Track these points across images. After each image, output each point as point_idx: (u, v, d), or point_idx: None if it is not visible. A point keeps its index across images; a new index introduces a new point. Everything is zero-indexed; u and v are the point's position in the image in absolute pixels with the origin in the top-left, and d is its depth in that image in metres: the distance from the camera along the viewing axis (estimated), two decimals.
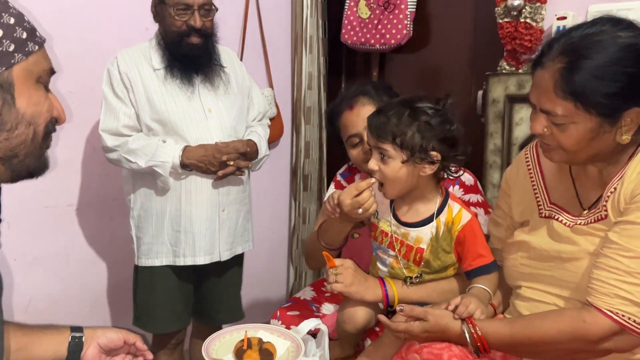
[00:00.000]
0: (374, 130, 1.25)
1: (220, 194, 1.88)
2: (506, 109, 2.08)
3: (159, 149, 1.77)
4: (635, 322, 0.99)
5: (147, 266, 1.88)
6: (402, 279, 1.33)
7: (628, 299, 0.99)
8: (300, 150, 2.82)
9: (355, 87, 1.50)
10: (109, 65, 1.83)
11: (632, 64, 1.00)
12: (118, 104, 1.79)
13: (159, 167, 1.77)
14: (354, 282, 1.30)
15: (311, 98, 2.79)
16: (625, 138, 1.04)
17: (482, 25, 2.34)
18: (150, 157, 1.76)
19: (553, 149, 1.11)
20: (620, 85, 1.00)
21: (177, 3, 1.75)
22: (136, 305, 1.95)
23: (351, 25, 2.60)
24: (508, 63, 2.13)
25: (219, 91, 1.89)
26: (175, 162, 1.77)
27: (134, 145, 1.78)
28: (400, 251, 1.31)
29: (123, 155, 1.78)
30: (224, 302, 2.04)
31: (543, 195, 1.23)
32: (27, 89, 0.84)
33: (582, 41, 1.03)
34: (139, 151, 1.77)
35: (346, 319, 1.35)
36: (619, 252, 1.02)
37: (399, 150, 1.22)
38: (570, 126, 1.05)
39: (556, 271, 1.14)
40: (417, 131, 1.21)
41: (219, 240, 1.90)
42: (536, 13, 2.02)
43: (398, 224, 1.32)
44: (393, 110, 1.24)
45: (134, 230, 1.92)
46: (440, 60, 2.50)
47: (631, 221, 1.02)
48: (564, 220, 1.16)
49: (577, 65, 1.02)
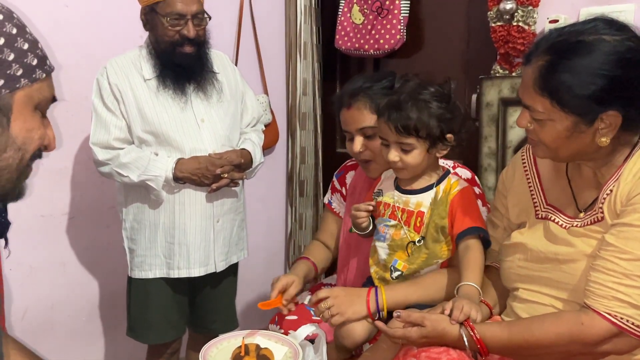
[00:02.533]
0: (395, 127, 1.29)
1: (215, 205, 1.86)
2: (500, 112, 2.09)
3: (151, 163, 1.74)
4: (633, 324, 0.99)
5: (140, 278, 1.86)
6: (403, 248, 1.35)
7: (626, 302, 1.00)
8: (295, 155, 2.82)
9: (360, 84, 1.49)
10: (99, 76, 1.79)
11: (611, 68, 1.00)
12: (109, 116, 1.75)
13: (152, 181, 1.74)
14: (348, 306, 1.31)
15: (306, 104, 2.80)
16: (603, 140, 1.05)
17: (475, 29, 2.36)
18: (142, 171, 1.73)
19: (536, 144, 1.14)
20: (596, 88, 1.01)
21: (170, 13, 1.71)
22: (130, 317, 1.93)
23: (345, 31, 2.62)
24: (501, 66, 2.14)
25: (212, 100, 1.86)
26: (168, 176, 1.74)
27: (126, 158, 1.74)
28: (402, 218, 1.35)
29: (115, 169, 1.75)
30: (219, 311, 2.03)
31: (539, 196, 1.24)
32: (24, 114, 0.84)
33: (566, 42, 1.05)
34: (131, 165, 1.74)
35: (345, 335, 1.34)
36: (616, 255, 1.02)
37: (422, 142, 1.29)
38: (548, 123, 1.07)
39: (553, 273, 1.14)
40: (437, 121, 1.28)
41: (214, 251, 1.88)
42: (528, 16, 2.04)
43: (400, 194, 1.38)
44: (409, 104, 1.28)
45: (127, 242, 1.90)
46: (434, 64, 2.51)
47: (628, 223, 1.03)
48: (560, 221, 1.16)
49: (556, 64, 1.03)
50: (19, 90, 0.83)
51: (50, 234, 2.11)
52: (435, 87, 1.32)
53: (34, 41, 0.86)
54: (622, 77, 1.01)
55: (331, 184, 1.75)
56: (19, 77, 0.82)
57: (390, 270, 1.35)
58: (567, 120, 1.05)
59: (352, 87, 1.49)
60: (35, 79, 0.84)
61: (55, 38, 2.01)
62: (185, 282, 1.92)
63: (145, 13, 1.79)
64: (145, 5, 1.77)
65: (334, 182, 1.74)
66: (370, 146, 1.46)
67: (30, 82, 0.83)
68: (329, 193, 1.75)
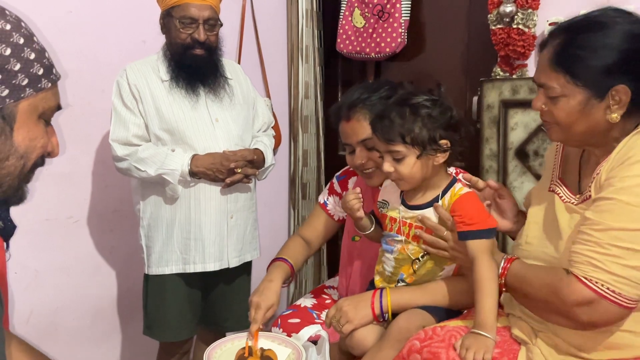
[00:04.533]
0: (382, 136, 1.29)
1: (229, 201, 1.91)
2: (501, 114, 2.10)
3: (168, 158, 1.80)
4: (608, 289, 1.03)
5: (157, 274, 1.90)
6: (409, 263, 1.35)
7: (599, 267, 1.04)
8: (298, 158, 2.84)
9: (358, 95, 1.49)
10: (119, 78, 1.86)
11: (622, 42, 1.06)
12: (127, 115, 1.82)
13: (168, 175, 1.79)
14: (354, 312, 1.31)
15: (308, 107, 2.81)
16: (614, 117, 1.09)
17: (475, 32, 2.37)
18: (159, 166, 1.79)
19: (551, 126, 1.17)
20: (607, 61, 1.06)
21: (183, 16, 1.79)
22: (147, 315, 1.96)
23: (346, 35, 2.63)
24: (502, 69, 2.16)
25: (224, 102, 1.92)
26: (184, 170, 1.80)
27: (144, 154, 1.81)
28: (409, 234, 1.34)
29: (133, 164, 1.81)
30: (232, 309, 2.05)
31: (556, 169, 1.28)
32: (28, 123, 0.84)
33: (580, 22, 1.12)
34: (149, 160, 1.80)
35: (355, 345, 1.32)
36: (591, 226, 1.07)
37: (410, 148, 1.27)
38: (562, 99, 1.11)
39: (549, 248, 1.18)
40: (422, 125, 1.26)
41: (228, 246, 1.92)
42: (528, 19, 2.05)
43: (406, 209, 1.36)
44: (393, 111, 1.28)
45: (144, 239, 1.93)
46: (435, 67, 2.53)
47: (603, 197, 1.07)
48: (563, 196, 1.21)
49: (571, 39, 1.10)
50: (24, 100, 0.82)
51: (55, 238, 2.13)
52: (425, 94, 1.30)
53: (40, 50, 0.85)
54: (632, 52, 1.06)
55: (329, 185, 1.74)
56: (24, 87, 0.82)
57: (397, 282, 1.37)
58: (579, 94, 1.09)
59: (350, 99, 1.49)
60: (40, 89, 0.84)
61: (59, 44, 2.03)
62: (199, 280, 1.95)
63: (163, 17, 1.88)
64: (164, 9, 1.86)
65: (334, 184, 1.73)
66: (372, 157, 1.47)
67: (35, 91, 0.83)
68: (325, 193, 1.73)
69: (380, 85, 1.50)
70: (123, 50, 2.15)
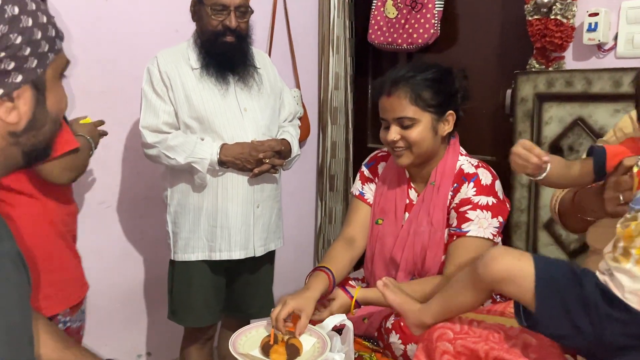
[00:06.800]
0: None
1: (255, 191, 1.92)
2: (535, 107, 2.05)
3: (197, 146, 1.81)
4: None
5: (183, 261, 1.92)
6: None
7: None
8: (326, 150, 2.83)
9: (403, 73, 1.47)
10: (149, 65, 1.87)
11: None
12: (158, 102, 1.84)
13: (198, 163, 1.81)
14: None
15: (338, 98, 2.80)
16: None
17: (510, 23, 2.31)
18: (188, 154, 1.80)
19: None
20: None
21: (214, 3, 1.79)
22: (172, 300, 1.99)
23: (378, 25, 2.60)
24: (537, 61, 2.10)
25: (252, 90, 1.92)
26: (213, 159, 1.81)
27: (174, 142, 1.82)
28: None
29: (162, 151, 1.82)
30: (256, 297, 2.07)
31: None
32: (54, 87, 0.85)
33: None
34: (178, 148, 1.81)
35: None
36: None
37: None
38: None
39: None
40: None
41: (254, 235, 1.94)
42: (567, 10, 1.99)
43: None
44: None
45: (170, 225, 1.95)
46: (468, 59, 2.48)
47: None
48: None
49: None
50: (49, 65, 0.82)
51: (87, 223, 2.18)
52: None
53: (45, 10, 0.84)
54: None
55: (360, 174, 1.71)
56: (47, 53, 0.81)
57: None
58: None
59: (395, 75, 1.48)
60: (57, 51, 0.84)
61: (95, 32, 2.07)
62: (223, 268, 1.96)
63: (194, 5, 1.88)
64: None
65: (364, 172, 1.70)
66: (406, 136, 1.46)
67: (55, 54, 0.83)
68: (358, 183, 1.69)
69: (428, 67, 1.49)
70: (156, 38, 2.17)
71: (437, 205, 1.50)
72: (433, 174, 1.53)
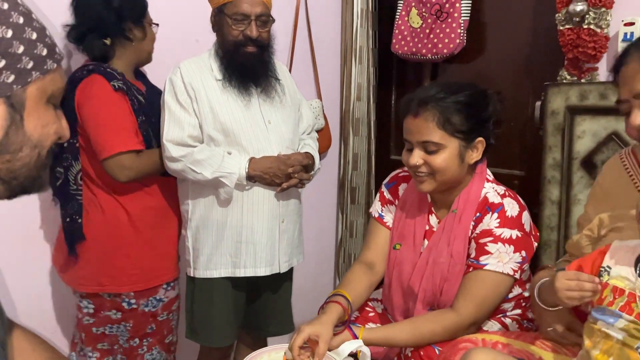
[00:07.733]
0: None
1: (281, 206, 1.87)
2: (567, 121, 1.95)
3: (225, 160, 1.76)
4: None
5: (205, 278, 1.86)
6: None
7: None
8: (348, 162, 2.77)
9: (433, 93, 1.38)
10: (172, 75, 1.81)
11: None
12: (182, 114, 1.77)
13: (226, 178, 1.75)
14: None
15: (360, 109, 2.74)
16: None
17: (540, 32, 2.23)
18: (216, 168, 1.75)
19: None
20: None
21: (235, 13, 1.75)
22: (192, 318, 1.91)
23: (402, 35, 2.54)
24: (569, 72, 2.01)
25: (275, 102, 1.88)
26: (242, 174, 1.76)
27: (200, 155, 1.76)
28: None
29: (188, 165, 1.76)
30: (276, 314, 2.02)
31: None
32: (38, 109, 0.80)
33: None
34: (205, 162, 1.75)
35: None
36: None
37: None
38: None
39: None
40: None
41: (279, 251, 1.89)
42: (601, 19, 1.90)
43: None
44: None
45: (191, 241, 1.88)
46: (495, 70, 2.40)
47: None
48: None
49: None
50: (31, 84, 0.77)
51: None
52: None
53: (41, 28, 0.80)
54: None
55: (379, 195, 1.65)
56: (30, 70, 0.77)
57: None
58: None
59: (424, 95, 1.39)
60: (46, 71, 0.79)
61: None
62: (245, 284, 1.91)
63: (214, 15, 1.85)
64: (215, 7, 1.83)
65: (384, 193, 1.64)
66: (429, 161, 1.38)
67: (42, 74, 0.78)
68: (377, 205, 1.64)
69: (461, 88, 1.40)
70: (176, 48, 2.15)
71: (458, 236, 1.42)
72: (456, 202, 1.45)
